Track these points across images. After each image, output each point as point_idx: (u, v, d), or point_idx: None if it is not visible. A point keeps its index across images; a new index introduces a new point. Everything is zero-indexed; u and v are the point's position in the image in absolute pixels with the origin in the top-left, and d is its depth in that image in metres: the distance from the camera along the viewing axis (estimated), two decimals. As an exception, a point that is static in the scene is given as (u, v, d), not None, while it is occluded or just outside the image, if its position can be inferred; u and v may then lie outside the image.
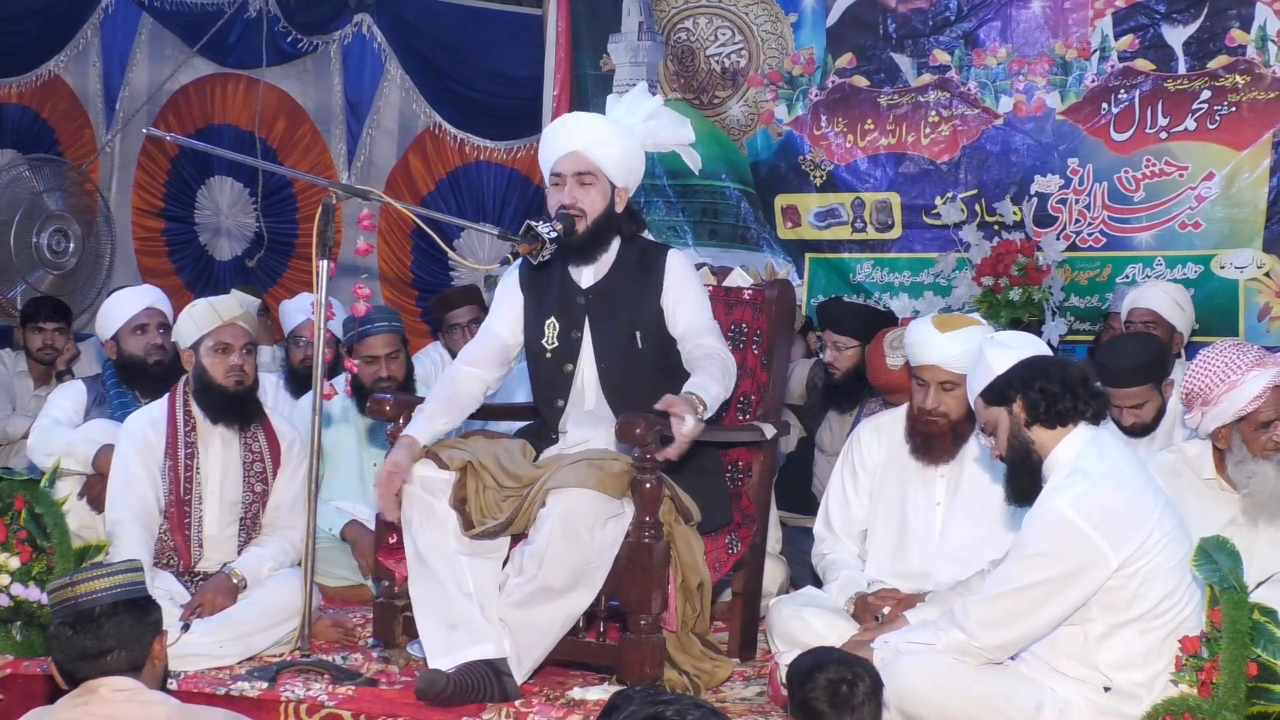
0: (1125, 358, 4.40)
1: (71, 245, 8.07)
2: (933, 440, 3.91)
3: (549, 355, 3.94)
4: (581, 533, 3.58)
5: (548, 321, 3.93)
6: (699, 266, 4.39)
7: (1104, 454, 3.23)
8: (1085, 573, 3.13)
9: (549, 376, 3.97)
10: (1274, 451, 3.65)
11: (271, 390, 5.59)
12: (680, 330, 3.91)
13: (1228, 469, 3.72)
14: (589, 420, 3.92)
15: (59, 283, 7.99)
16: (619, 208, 3.91)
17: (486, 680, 3.60)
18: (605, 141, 3.87)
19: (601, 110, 4.05)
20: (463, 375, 4.00)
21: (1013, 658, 3.32)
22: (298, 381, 5.48)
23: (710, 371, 3.77)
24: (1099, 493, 3.15)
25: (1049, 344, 5.61)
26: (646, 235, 4.14)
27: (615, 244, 3.93)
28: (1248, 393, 3.62)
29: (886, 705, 3.26)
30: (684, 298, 3.91)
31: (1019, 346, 3.44)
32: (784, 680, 2.98)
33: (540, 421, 4.06)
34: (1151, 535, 3.15)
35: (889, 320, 5.43)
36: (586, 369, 3.92)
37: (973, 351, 3.75)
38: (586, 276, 3.94)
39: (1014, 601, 3.21)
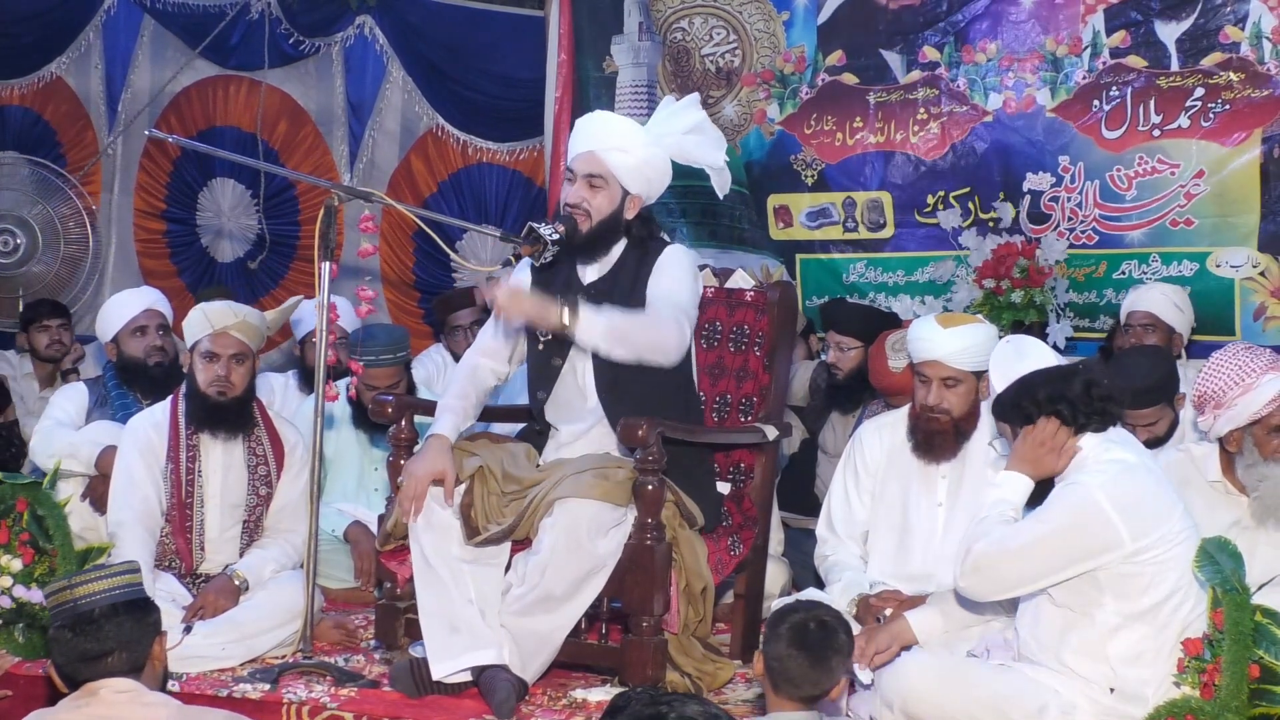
0: (1138, 379, 4.37)
1: (21, 243, 7.88)
2: (935, 438, 3.91)
3: (540, 346, 3.94)
4: (584, 542, 3.59)
5: None
6: (701, 268, 4.37)
7: (1127, 448, 3.26)
8: (1095, 552, 3.13)
9: (538, 367, 3.97)
10: None
11: (280, 390, 5.59)
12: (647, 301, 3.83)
13: (1237, 472, 3.72)
14: (581, 417, 3.91)
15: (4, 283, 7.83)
16: (629, 214, 3.90)
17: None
18: (623, 148, 3.85)
19: (608, 110, 4.05)
20: (481, 368, 4.00)
21: (1016, 659, 3.32)
22: (312, 380, 5.47)
23: (633, 314, 3.72)
24: (1131, 478, 3.17)
25: (1055, 346, 5.60)
26: (664, 239, 4.12)
27: (620, 246, 3.92)
28: (1263, 396, 3.63)
29: (890, 706, 3.28)
30: (662, 275, 3.85)
31: (1026, 355, 3.45)
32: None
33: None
34: (1174, 524, 3.17)
35: (892, 321, 5.40)
36: (583, 366, 3.90)
37: (975, 348, 3.78)
38: (589, 273, 3.94)
39: (1017, 551, 3.18)
